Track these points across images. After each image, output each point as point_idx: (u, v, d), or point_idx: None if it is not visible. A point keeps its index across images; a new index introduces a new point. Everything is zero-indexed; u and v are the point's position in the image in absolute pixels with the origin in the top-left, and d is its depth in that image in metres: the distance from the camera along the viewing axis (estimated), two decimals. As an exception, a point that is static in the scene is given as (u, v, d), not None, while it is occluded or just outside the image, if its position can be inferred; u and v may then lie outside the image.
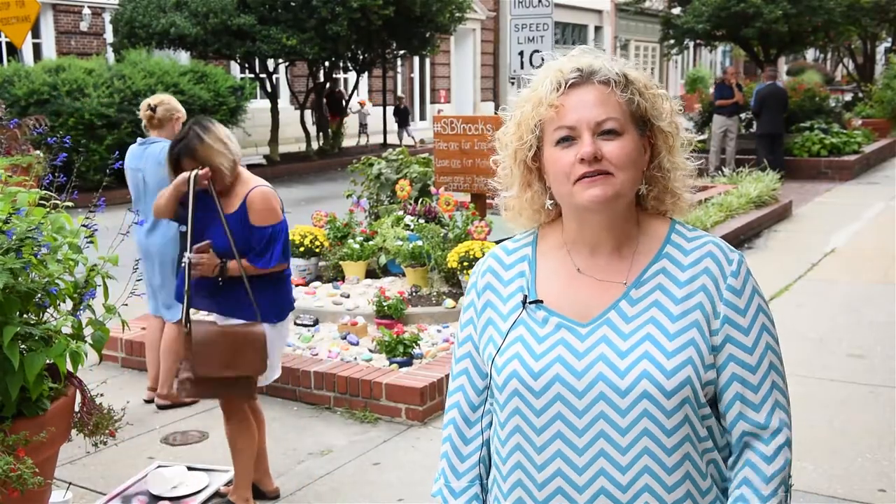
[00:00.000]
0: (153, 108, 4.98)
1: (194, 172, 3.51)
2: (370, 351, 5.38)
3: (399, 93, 23.88)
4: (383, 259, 6.72)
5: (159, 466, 4.14)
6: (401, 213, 7.21)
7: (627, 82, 1.47)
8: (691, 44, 24.03)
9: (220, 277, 3.53)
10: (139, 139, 5.09)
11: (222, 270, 3.51)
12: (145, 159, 4.93)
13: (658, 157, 1.52)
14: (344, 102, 21.81)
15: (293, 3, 17.08)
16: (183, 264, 3.52)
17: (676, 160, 1.53)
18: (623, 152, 1.44)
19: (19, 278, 2.72)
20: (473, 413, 1.62)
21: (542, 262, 1.57)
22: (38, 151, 6.60)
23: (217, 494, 3.93)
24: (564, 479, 1.46)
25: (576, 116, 1.44)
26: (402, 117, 22.46)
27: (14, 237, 2.74)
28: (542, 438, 1.48)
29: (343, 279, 6.83)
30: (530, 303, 1.53)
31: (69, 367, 2.85)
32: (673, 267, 1.50)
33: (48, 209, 2.93)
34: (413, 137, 22.33)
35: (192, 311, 3.56)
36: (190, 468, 4.11)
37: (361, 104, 23.21)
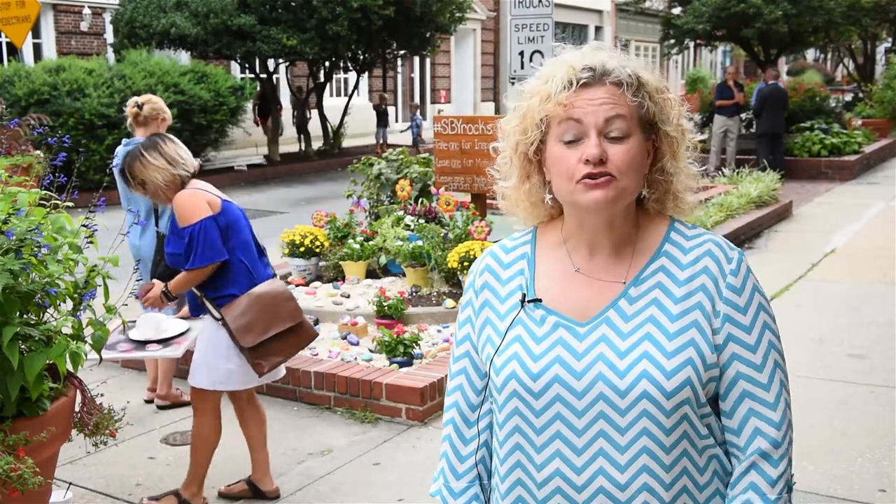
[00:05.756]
0: (140, 106, 5.02)
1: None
2: (370, 351, 5.38)
3: (383, 94, 22.83)
4: (383, 259, 6.72)
5: (130, 322, 3.95)
6: (401, 213, 7.21)
7: (640, 85, 1.45)
8: (691, 44, 24.01)
9: (171, 299, 3.78)
10: (124, 140, 5.12)
11: (167, 295, 3.73)
12: None
13: (661, 161, 1.50)
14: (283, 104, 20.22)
15: (293, 3, 17.08)
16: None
17: (680, 164, 1.52)
18: (628, 157, 1.42)
19: (19, 279, 2.72)
20: (472, 413, 1.61)
21: (541, 261, 1.56)
22: (38, 151, 6.61)
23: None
24: (563, 479, 1.46)
25: (584, 116, 1.42)
26: (381, 118, 22.02)
27: (14, 237, 2.74)
28: (541, 439, 1.47)
29: (343, 279, 6.83)
30: (529, 301, 1.52)
31: (69, 367, 2.85)
32: (672, 265, 1.49)
33: (48, 209, 2.93)
34: (385, 139, 21.48)
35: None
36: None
37: (279, 111, 20.09)
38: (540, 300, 1.51)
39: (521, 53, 9.10)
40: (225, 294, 3.67)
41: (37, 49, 18.36)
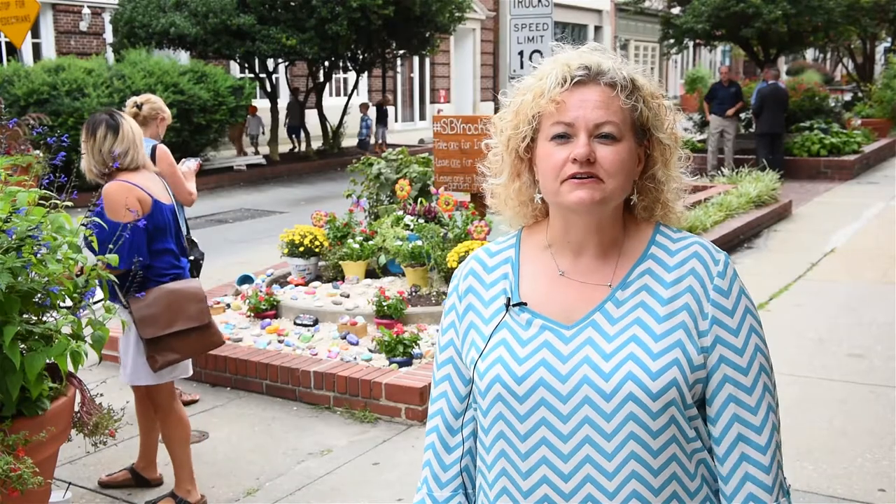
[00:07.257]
0: (139, 106, 5.02)
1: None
2: (370, 351, 5.38)
3: (387, 95, 22.78)
4: (383, 259, 6.72)
5: None
6: (400, 212, 7.21)
7: (634, 88, 1.44)
8: (691, 44, 24.02)
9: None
10: None
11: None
12: None
13: (652, 168, 1.49)
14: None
15: (293, 3, 17.08)
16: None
17: (671, 173, 1.50)
18: (617, 158, 1.41)
19: (19, 278, 2.72)
20: (456, 420, 1.58)
21: (525, 264, 1.54)
22: (37, 151, 6.59)
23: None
24: (550, 487, 1.43)
25: (575, 115, 1.41)
26: (381, 118, 22.02)
27: (14, 236, 2.74)
28: (526, 445, 1.45)
29: (343, 279, 6.83)
30: (514, 305, 1.50)
31: (69, 366, 2.85)
32: (658, 268, 1.47)
33: (48, 209, 2.93)
34: (384, 139, 21.41)
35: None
36: None
37: (252, 111, 18.85)
38: (525, 304, 1.50)
39: (521, 53, 9.10)
40: (139, 286, 3.66)
41: (36, 49, 18.36)
